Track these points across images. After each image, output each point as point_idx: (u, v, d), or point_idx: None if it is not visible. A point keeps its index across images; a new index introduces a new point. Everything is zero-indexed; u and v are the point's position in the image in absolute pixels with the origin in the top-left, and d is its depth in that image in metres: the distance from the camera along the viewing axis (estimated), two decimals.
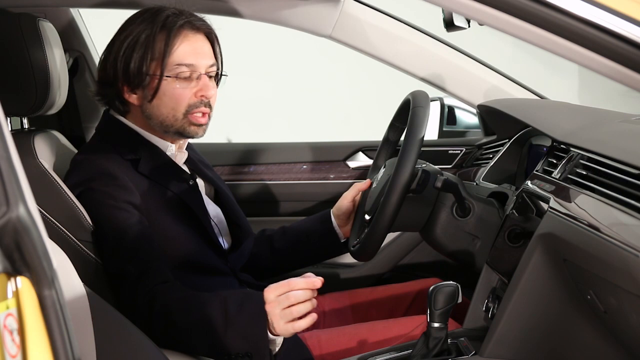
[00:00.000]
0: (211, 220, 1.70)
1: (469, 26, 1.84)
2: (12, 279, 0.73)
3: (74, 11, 2.34)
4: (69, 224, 1.50)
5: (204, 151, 1.94)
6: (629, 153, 1.23)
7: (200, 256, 1.65)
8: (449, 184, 1.55)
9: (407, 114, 1.63)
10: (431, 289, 1.40)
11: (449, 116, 2.75)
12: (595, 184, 1.27)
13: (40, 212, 1.46)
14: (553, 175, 1.44)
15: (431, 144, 2.40)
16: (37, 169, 1.53)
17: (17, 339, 0.72)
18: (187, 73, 1.59)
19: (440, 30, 2.00)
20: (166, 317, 1.44)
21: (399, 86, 2.59)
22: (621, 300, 1.16)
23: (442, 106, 2.74)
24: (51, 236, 1.06)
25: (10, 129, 1.69)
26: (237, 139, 4.10)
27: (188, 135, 1.65)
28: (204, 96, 1.61)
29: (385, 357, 1.50)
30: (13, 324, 0.72)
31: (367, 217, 1.64)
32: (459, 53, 2.19)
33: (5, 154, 0.73)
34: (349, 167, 2.38)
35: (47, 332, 0.74)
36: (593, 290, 1.25)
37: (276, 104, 5.07)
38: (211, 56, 1.64)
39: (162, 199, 1.62)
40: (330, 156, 2.39)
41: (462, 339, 1.51)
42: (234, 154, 2.38)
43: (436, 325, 1.40)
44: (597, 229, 1.16)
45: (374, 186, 1.71)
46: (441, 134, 2.71)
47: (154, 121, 1.63)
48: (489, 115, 2.16)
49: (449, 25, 1.85)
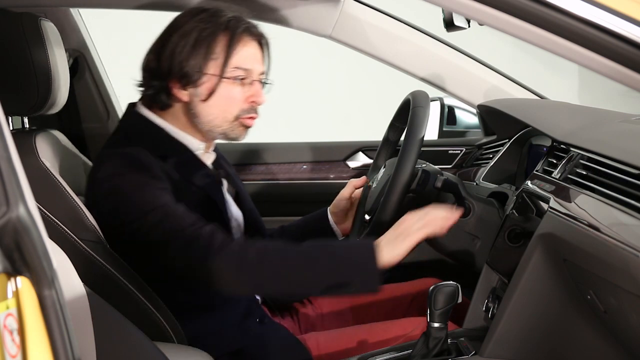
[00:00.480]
0: (233, 221, 1.70)
1: (469, 26, 1.84)
2: (12, 279, 0.73)
3: (74, 11, 2.34)
4: (71, 224, 1.50)
5: None
6: (629, 153, 1.23)
7: None
8: (449, 184, 1.55)
9: (407, 114, 1.63)
10: (431, 289, 1.40)
11: (449, 116, 2.75)
12: (595, 184, 1.27)
13: (42, 211, 1.46)
14: (553, 175, 1.44)
15: (431, 144, 2.40)
16: (39, 168, 1.52)
17: (17, 339, 0.72)
18: (242, 77, 1.60)
19: (440, 30, 2.00)
20: (266, 260, 1.43)
21: (399, 86, 2.59)
22: (621, 300, 1.16)
23: (442, 106, 2.75)
24: (53, 236, 1.06)
25: (11, 128, 1.69)
26: None
27: (232, 138, 1.65)
28: (255, 102, 1.62)
29: (385, 357, 1.50)
30: (13, 324, 0.72)
31: (367, 217, 1.64)
32: (459, 53, 2.19)
33: (5, 153, 0.73)
34: (349, 167, 2.38)
35: (47, 332, 0.74)
36: (593, 290, 1.24)
37: (276, 103, 5.06)
38: (263, 63, 1.66)
39: (190, 197, 1.59)
40: (330, 156, 2.39)
41: (462, 339, 1.51)
42: (234, 154, 2.38)
43: (436, 325, 1.40)
44: (597, 229, 1.16)
45: (374, 186, 1.71)
46: (441, 134, 2.71)
47: (200, 119, 1.61)
48: (489, 115, 2.15)
49: (449, 25, 1.85)
